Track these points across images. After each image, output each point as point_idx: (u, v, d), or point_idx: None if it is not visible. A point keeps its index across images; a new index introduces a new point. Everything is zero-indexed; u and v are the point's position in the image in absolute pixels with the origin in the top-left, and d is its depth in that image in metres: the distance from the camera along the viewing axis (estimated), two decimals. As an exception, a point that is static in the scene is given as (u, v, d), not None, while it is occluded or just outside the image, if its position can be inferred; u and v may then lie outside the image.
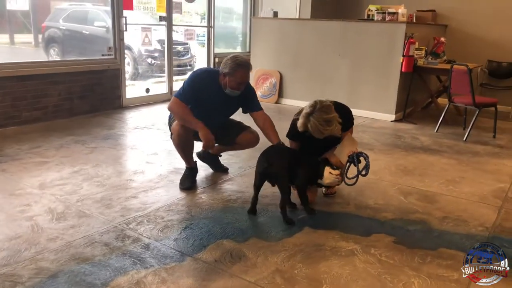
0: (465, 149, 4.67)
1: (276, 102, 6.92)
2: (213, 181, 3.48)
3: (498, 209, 3.11)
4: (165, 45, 6.75)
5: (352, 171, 2.89)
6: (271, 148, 2.91)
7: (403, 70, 5.71)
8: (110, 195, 3.09)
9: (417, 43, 5.70)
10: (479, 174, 3.85)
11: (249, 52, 8.50)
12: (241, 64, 3.05)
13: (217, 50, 7.77)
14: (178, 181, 3.36)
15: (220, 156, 3.70)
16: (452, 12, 7.20)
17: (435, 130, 5.41)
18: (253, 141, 3.35)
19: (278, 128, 3.19)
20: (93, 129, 4.86)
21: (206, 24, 7.50)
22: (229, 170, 3.70)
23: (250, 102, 3.32)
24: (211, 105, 3.20)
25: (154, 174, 3.56)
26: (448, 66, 5.83)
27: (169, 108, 3.17)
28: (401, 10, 5.85)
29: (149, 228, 2.64)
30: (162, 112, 6.04)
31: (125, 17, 5.83)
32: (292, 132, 3.01)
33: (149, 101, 6.56)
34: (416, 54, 5.74)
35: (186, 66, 8.55)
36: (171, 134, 3.28)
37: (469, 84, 4.96)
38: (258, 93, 7.03)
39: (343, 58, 6.20)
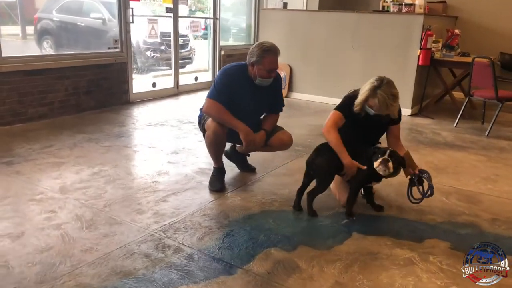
0: (490, 144, 4.56)
1: (286, 97, 6.73)
2: (243, 182, 3.30)
3: (545, 209, 2.99)
4: (172, 38, 6.50)
5: (415, 191, 2.73)
6: (327, 143, 2.78)
7: (420, 63, 5.57)
8: (138, 199, 2.90)
9: (434, 35, 5.56)
10: (510, 171, 3.73)
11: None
12: (268, 50, 2.88)
13: (222, 43, 7.54)
14: (207, 183, 3.17)
15: (249, 156, 3.52)
16: (463, 3, 7.07)
17: (454, 125, 5.29)
18: (287, 143, 3.18)
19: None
20: (104, 126, 4.64)
21: (211, 15, 7.25)
22: (256, 170, 3.52)
23: (276, 96, 3.15)
24: (245, 102, 3.02)
25: (179, 174, 3.37)
26: (465, 59, 5.74)
27: (205, 112, 2.98)
28: (418, 1, 5.70)
29: (188, 236, 2.46)
30: (171, 107, 5.83)
31: (132, 8, 5.57)
32: (342, 106, 2.84)
33: (156, 96, 6.33)
34: (433, 47, 5.60)
35: (185, 59, 8.29)
36: (204, 131, 3.09)
37: (492, 77, 4.84)
38: (267, 87, 6.85)
39: (356, 51, 6.03)
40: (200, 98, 6.47)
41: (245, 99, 3.02)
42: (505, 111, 5.70)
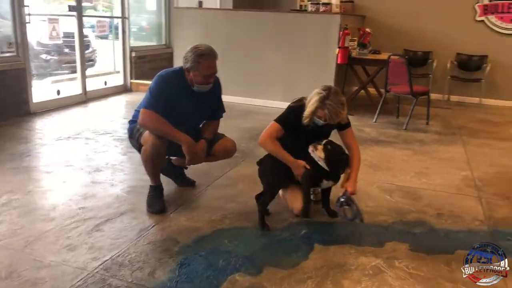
0: (410, 137, 4.78)
1: (206, 99, 6.48)
2: (184, 199, 3.00)
3: (478, 200, 3.15)
4: (76, 39, 5.87)
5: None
6: None
7: (339, 62, 5.68)
8: (66, 232, 2.47)
9: (350, 34, 5.70)
10: (439, 164, 3.92)
11: (166, 45, 7.91)
12: (204, 54, 2.64)
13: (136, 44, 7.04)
14: (144, 204, 2.83)
15: (186, 168, 3.22)
16: (368, 2, 7.39)
17: (374, 120, 5.47)
18: (232, 150, 2.96)
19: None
20: (4, 144, 3.99)
21: (119, 15, 6.71)
22: (195, 183, 3.24)
23: (216, 102, 2.93)
24: (183, 110, 2.75)
25: (109, 196, 2.97)
26: (378, 56, 5.99)
27: (142, 124, 2.64)
28: (335, 0, 5.80)
29: (137, 271, 2.13)
30: (80, 117, 5.26)
31: (27, 6, 4.90)
32: (284, 118, 2.70)
33: (61, 104, 5.67)
34: (350, 46, 5.75)
35: (87, 61, 7.61)
36: (139, 146, 2.73)
37: (407, 74, 5.08)
38: (185, 89, 6.53)
39: (277, 51, 5.98)
40: (112, 105, 5.95)
41: (183, 107, 2.74)
42: (416, 105, 6.05)
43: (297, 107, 2.70)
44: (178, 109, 2.72)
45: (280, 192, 2.91)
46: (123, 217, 2.69)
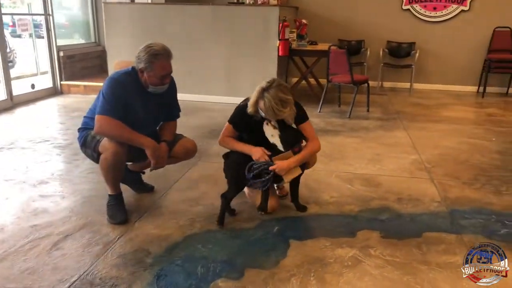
0: (355, 125, 4.93)
1: (146, 97, 6.22)
2: (145, 206, 2.85)
3: (431, 181, 3.32)
4: (-4, 40, 5.35)
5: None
6: None
7: (280, 54, 5.71)
8: (22, 255, 2.24)
9: (289, 26, 5.74)
10: (387, 149, 4.08)
11: (96, 42, 7.49)
12: (158, 54, 2.50)
13: (60, 42, 6.56)
14: (103, 215, 2.65)
15: (143, 173, 3.06)
16: (300, -7, 7.50)
17: (318, 111, 5.58)
18: (193, 150, 2.84)
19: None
20: None
21: (42, 11, 6.20)
22: (154, 188, 3.10)
23: (172, 102, 2.81)
24: (141, 113, 2.60)
25: (62, 210, 2.75)
26: (316, 47, 6.11)
27: (99, 132, 2.45)
28: (272, -8, 5.80)
29: (111, 289, 1.98)
30: (10, 125, 4.83)
31: None
32: (234, 117, 2.69)
33: (-15, 112, 5.16)
34: (290, 37, 5.79)
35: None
36: (97, 155, 2.54)
37: (347, 64, 5.22)
38: (122, 89, 6.22)
39: (217, 45, 5.87)
40: (43, 109, 5.53)
41: (139, 109, 2.59)
42: (348, 93, 6.26)
43: (243, 105, 2.66)
44: (135, 113, 2.57)
45: (246, 190, 2.87)
46: (83, 231, 2.50)
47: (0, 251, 2.27)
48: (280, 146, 2.59)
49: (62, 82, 6.56)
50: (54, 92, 6.55)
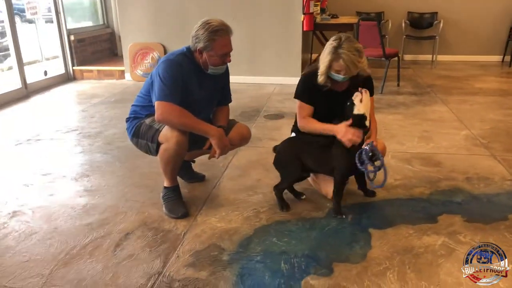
0: (392, 101, 4.73)
1: (164, 80, 5.97)
2: (201, 197, 2.66)
3: (494, 158, 3.14)
4: (7, 24, 5.06)
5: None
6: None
7: (305, 29, 5.45)
8: (87, 256, 2.06)
9: (313, -1, 5.47)
10: (434, 125, 3.90)
11: (105, 24, 7.18)
12: (218, 30, 2.27)
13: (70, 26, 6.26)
14: (158, 208, 2.47)
15: (194, 162, 2.87)
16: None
17: (347, 87, 5.35)
18: (248, 136, 2.64)
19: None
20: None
21: (51, -7, 5.89)
22: (205, 177, 2.91)
23: (227, 86, 2.61)
24: (198, 98, 2.39)
25: (114, 206, 2.56)
26: (340, 20, 5.84)
27: (162, 119, 2.24)
28: (295, -36, 5.49)
29: (195, 293, 1.81)
30: (28, 115, 4.60)
31: None
32: (303, 90, 2.48)
33: None
34: (314, 11, 5.53)
35: (4, 51, 6.69)
36: (156, 145, 2.33)
37: (379, 37, 4.99)
38: (139, 71, 5.99)
39: (238, 23, 5.57)
40: (60, 97, 5.30)
41: (196, 93, 2.38)
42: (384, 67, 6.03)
43: (309, 73, 2.48)
44: (192, 97, 2.35)
45: (310, 178, 2.69)
46: (143, 228, 2.31)
47: (62, 253, 2.08)
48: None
49: (74, 68, 6.28)
50: (67, 78, 6.29)
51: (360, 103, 2.27)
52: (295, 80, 5.68)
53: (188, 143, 2.37)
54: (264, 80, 5.61)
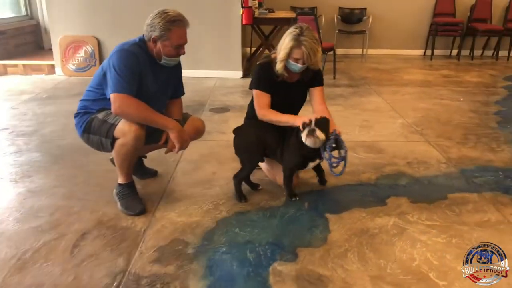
0: (330, 93, 4.91)
1: (99, 75, 5.71)
2: (156, 193, 2.61)
3: (428, 144, 3.40)
4: None
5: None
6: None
7: (244, 23, 5.49)
8: (42, 259, 1.95)
9: (251, -7, 5.52)
10: (372, 115, 4.13)
11: (28, 15, 6.72)
12: (175, 20, 2.24)
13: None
14: (112, 206, 2.39)
15: (145, 157, 2.80)
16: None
17: (287, 80, 5.49)
18: (202, 130, 2.63)
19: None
20: None
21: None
22: (158, 172, 2.86)
23: (180, 78, 2.59)
24: (152, 90, 2.33)
25: (64, 207, 2.43)
26: (277, 15, 5.96)
27: (119, 112, 2.15)
28: (233, -42, 5.49)
29: (165, 288, 1.79)
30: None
31: None
32: (259, 79, 2.51)
33: None
34: (253, 5, 5.58)
35: None
36: (111, 140, 2.23)
37: (317, 31, 5.15)
38: (71, 66, 5.69)
39: (175, 15, 5.48)
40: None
41: (150, 85, 2.32)
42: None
43: (264, 63, 2.54)
44: (146, 90, 2.30)
45: (263, 166, 2.74)
46: (100, 227, 2.23)
47: (14, 259, 1.95)
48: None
49: (-4, 62, 5.81)
50: (-12, 73, 5.80)
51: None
52: (236, 74, 5.77)
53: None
54: (205, 74, 5.58)
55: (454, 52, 7.47)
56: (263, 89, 2.51)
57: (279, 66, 2.42)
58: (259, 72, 2.56)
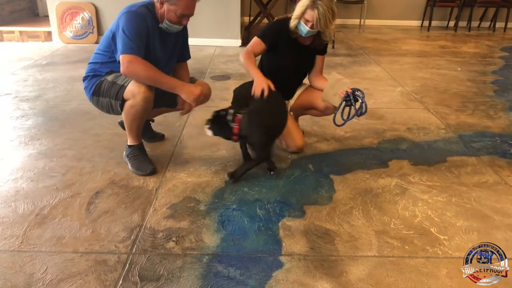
0: (330, 62, 4.94)
1: (97, 42, 5.65)
2: (165, 155, 2.68)
3: (427, 111, 3.48)
4: None
5: (346, 112, 2.54)
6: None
7: (243, -10, 5.44)
8: (60, 215, 2.02)
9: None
10: (372, 83, 4.18)
11: (24, -19, 6.57)
12: None
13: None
14: (126, 168, 2.45)
15: (153, 121, 2.85)
16: None
17: (286, 49, 5.49)
18: (209, 93, 2.66)
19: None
20: None
21: None
22: (165, 136, 2.92)
23: (185, 43, 2.61)
24: (158, 51, 2.36)
25: (75, 167, 2.49)
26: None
27: (128, 74, 2.18)
28: None
29: (181, 241, 1.87)
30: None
31: None
32: (266, 31, 2.57)
33: None
34: (252, -28, 5.52)
35: None
36: (120, 102, 2.27)
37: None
38: (69, 33, 5.64)
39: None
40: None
41: (158, 47, 2.34)
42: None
43: (282, 18, 2.60)
44: (154, 54, 2.32)
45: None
46: (113, 186, 2.30)
47: (32, 214, 2.02)
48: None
49: (-8, 29, 5.73)
50: (-17, 40, 5.73)
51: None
52: (235, 42, 5.76)
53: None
54: (204, 42, 5.57)
55: (451, 23, 7.48)
56: (263, 39, 2.54)
57: (293, 23, 2.47)
58: (272, 25, 2.64)
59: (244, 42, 5.72)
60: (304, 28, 2.44)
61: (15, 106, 3.42)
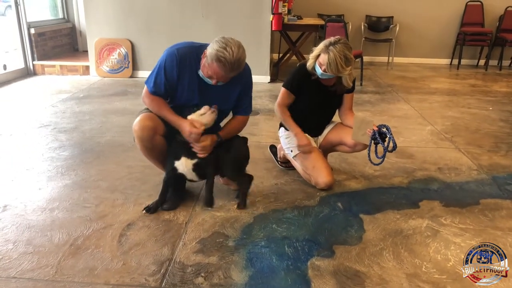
0: (358, 99, 4.98)
1: (131, 76, 5.90)
2: (196, 189, 2.72)
3: (458, 151, 3.43)
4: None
5: (379, 149, 2.61)
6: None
7: (274, 29, 5.61)
8: (93, 246, 2.07)
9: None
10: (401, 122, 4.17)
11: (65, 19, 6.97)
12: (221, 62, 2.15)
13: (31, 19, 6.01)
14: (152, 198, 2.50)
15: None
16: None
17: (314, 86, 5.57)
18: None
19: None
20: None
21: (11, -17, 5.65)
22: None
23: (242, 98, 2.51)
24: (185, 92, 2.36)
25: (108, 199, 2.56)
26: (306, 21, 6.06)
27: (143, 102, 2.40)
28: (265, -35, 5.62)
29: (210, 276, 1.88)
30: None
31: None
32: (292, 81, 2.70)
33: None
34: (283, 12, 5.69)
35: None
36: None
37: (346, 38, 5.22)
38: (105, 67, 5.88)
39: (207, 20, 5.65)
40: (22, 92, 5.12)
41: (186, 84, 2.35)
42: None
43: (304, 63, 2.68)
44: (181, 90, 2.36)
45: (298, 167, 2.82)
46: (144, 218, 2.35)
47: (67, 244, 2.08)
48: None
49: (35, 62, 6.05)
50: (26, 73, 6.05)
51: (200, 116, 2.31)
52: (264, 79, 5.88)
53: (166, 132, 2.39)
54: (234, 78, 5.70)
55: (482, 62, 7.44)
56: (290, 90, 2.69)
57: (310, 63, 2.58)
58: (295, 73, 2.72)
59: (273, 79, 5.84)
60: (318, 70, 2.50)
61: (53, 137, 3.56)
